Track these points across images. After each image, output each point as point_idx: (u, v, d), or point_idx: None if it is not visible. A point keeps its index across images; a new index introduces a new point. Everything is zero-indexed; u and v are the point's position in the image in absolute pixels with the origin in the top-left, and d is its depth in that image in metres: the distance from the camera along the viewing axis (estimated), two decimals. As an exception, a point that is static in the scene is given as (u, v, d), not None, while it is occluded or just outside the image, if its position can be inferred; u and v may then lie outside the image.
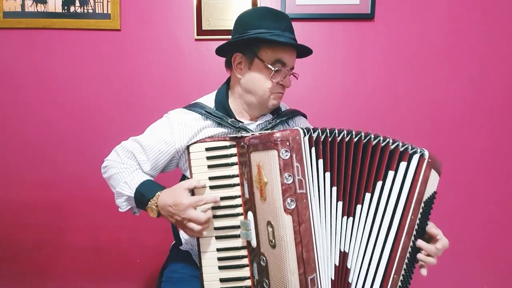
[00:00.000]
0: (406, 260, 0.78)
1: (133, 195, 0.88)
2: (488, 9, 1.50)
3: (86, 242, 1.63)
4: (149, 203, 0.85)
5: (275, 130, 0.80)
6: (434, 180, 0.81)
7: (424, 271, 0.82)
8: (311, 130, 0.76)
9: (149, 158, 0.94)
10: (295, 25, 1.55)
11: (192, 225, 0.80)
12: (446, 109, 1.55)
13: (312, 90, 1.56)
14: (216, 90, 1.03)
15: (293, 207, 0.72)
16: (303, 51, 0.96)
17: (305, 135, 0.75)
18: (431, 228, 0.81)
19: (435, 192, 0.82)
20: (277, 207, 0.73)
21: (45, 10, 1.52)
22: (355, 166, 0.78)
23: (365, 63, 1.54)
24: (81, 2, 1.52)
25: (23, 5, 1.52)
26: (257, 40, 0.89)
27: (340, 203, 0.77)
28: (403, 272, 0.78)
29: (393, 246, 0.76)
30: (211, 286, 0.82)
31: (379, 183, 0.77)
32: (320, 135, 0.77)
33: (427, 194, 0.79)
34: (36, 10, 1.52)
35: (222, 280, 0.82)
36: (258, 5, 1.50)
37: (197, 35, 1.52)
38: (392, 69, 1.54)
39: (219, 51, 0.98)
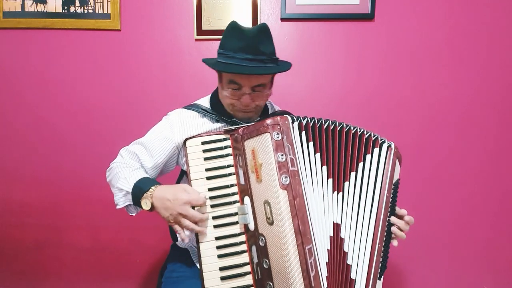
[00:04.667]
0: (385, 234, 0.89)
1: (131, 190, 0.91)
2: (488, 9, 1.50)
3: (86, 242, 1.63)
4: (144, 194, 0.88)
5: (265, 118, 0.86)
6: (398, 169, 0.95)
7: (395, 242, 0.92)
8: (301, 117, 0.86)
9: (151, 155, 0.98)
10: (295, 25, 1.57)
11: (186, 221, 0.83)
12: (446, 109, 1.55)
13: (312, 90, 1.56)
14: (211, 93, 1.08)
15: (287, 182, 0.79)
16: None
17: (294, 121, 0.84)
18: (399, 210, 0.93)
19: (398, 179, 0.95)
20: (273, 184, 0.79)
21: (45, 10, 1.52)
22: (340, 149, 0.88)
23: (365, 63, 1.54)
24: (81, 2, 1.52)
25: (23, 5, 1.52)
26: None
27: (330, 180, 0.85)
28: (383, 242, 0.88)
29: (376, 218, 0.86)
30: (211, 276, 0.84)
31: (361, 164, 0.88)
32: (309, 121, 0.87)
33: (395, 178, 0.92)
34: (36, 10, 1.52)
35: (221, 269, 0.84)
36: (258, 6, 1.50)
37: (197, 35, 1.52)
38: (392, 69, 1.54)
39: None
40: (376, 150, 0.90)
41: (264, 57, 0.91)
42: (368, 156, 0.89)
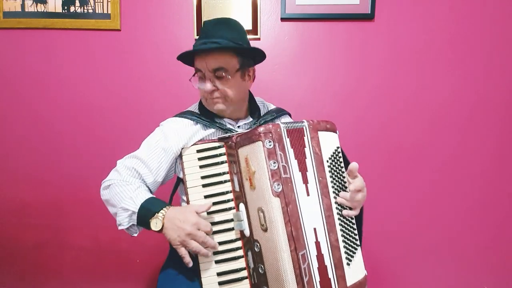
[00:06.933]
0: (339, 216, 0.87)
1: (137, 210, 0.89)
2: (489, 8, 1.50)
3: (86, 242, 1.63)
4: (156, 214, 0.86)
5: (258, 126, 0.86)
6: (329, 139, 0.90)
7: (344, 212, 0.89)
8: (287, 124, 0.86)
9: (151, 169, 0.96)
10: (295, 25, 1.57)
11: (193, 243, 0.84)
12: (447, 109, 1.55)
13: (313, 91, 1.56)
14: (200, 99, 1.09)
15: (280, 190, 0.79)
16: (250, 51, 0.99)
17: (285, 128, 0.84)
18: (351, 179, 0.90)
19: (338, 148, 0.91)
20: (265, 191, 0.80)
21: (45, 10, 1.52)
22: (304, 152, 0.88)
23: (365, 63, 1.54)
24: (81, 2, 1.52)
25: (23, 5, 1.52)
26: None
27: (304, 185, 0.85)
28: (341, 230, 0.86)
29: (320, 209, 0.84)
30: (209, 281, 0.86)
31: (306, 160, 0.86)
32: (288, 127, 0.86)
33: (327, 153, 0.88)
34: (36, 10, 1.52)
35: (219, 274, 0.86)
36: (258, 6, 1.50)
37: (197, 35, 1.52)
38: (392, 69, 1.54)
39: None
40: (305, 138, 0.86)
41: (220, 40, 0.91)
42: (305, 149, 0.86)
